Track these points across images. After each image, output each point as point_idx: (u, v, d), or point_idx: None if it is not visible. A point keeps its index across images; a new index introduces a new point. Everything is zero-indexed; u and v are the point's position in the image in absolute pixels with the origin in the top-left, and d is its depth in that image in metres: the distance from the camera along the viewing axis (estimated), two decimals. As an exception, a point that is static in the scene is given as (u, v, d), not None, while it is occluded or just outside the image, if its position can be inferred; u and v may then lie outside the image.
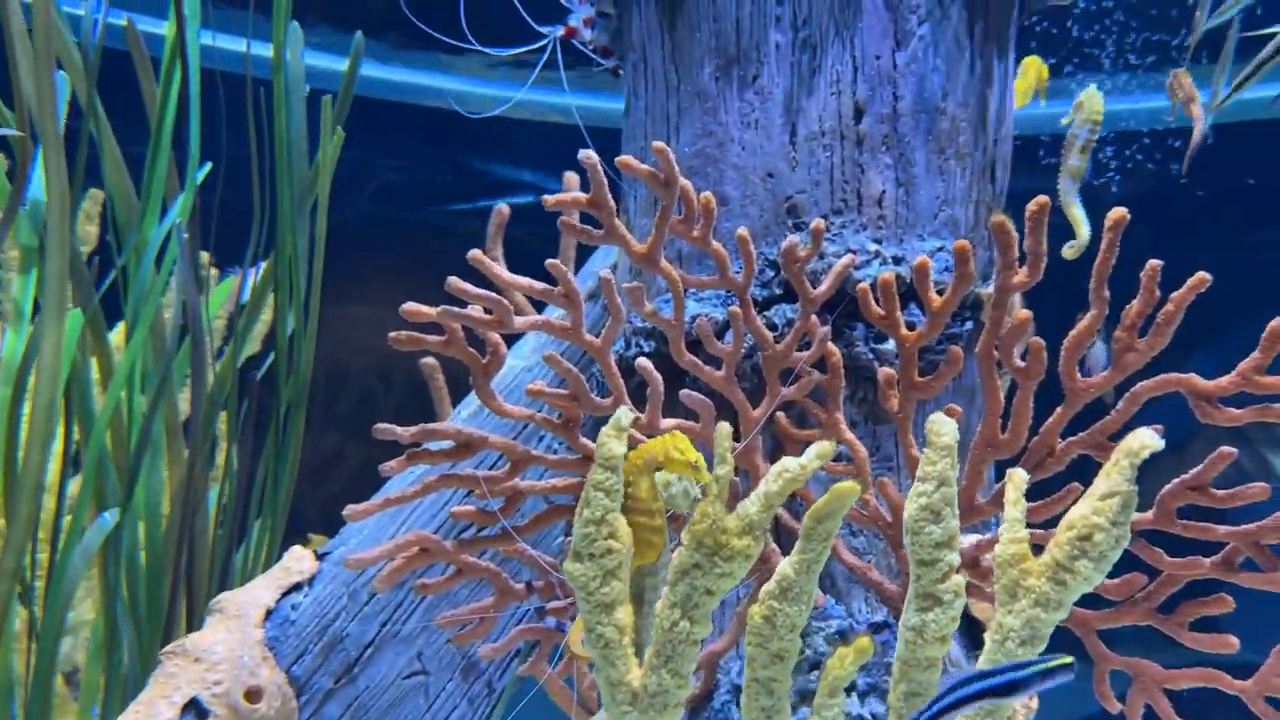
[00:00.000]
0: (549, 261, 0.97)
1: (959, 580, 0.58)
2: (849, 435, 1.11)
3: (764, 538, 0.59)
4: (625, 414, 0.61)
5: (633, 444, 0.63)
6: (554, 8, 1.56)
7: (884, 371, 1.07)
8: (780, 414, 1.14)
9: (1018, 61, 1.41)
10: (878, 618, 1.15)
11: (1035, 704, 1.23)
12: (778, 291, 1.20)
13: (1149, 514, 0.93)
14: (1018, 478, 0.62)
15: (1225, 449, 0.88)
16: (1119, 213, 0.89)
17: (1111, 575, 0.98)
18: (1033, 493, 0.88)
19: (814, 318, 1.10)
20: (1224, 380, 0.86)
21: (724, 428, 0.60)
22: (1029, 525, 0.76)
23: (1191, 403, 0.88)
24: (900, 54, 1.20)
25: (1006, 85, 1.32)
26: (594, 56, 1.56)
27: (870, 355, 1.20)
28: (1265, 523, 0.86)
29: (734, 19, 1.23)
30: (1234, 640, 0.89)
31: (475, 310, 0.97)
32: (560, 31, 1.55)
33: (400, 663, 1.19)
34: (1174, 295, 0.87)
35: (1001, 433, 1.00)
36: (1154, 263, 0.88)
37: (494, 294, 0.96)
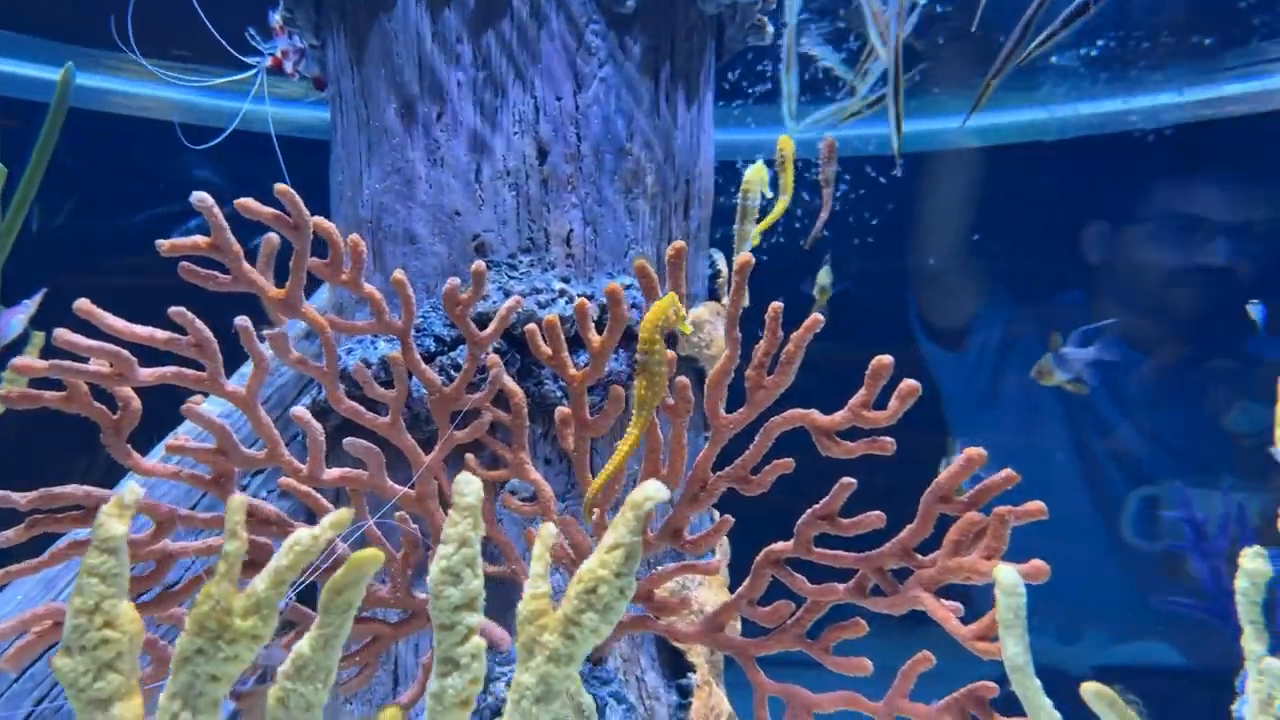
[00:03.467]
0: (172, 310, 0.91)
1: (478, 643, 0.56)
2: (534, 474, 1.10)
3: (274, 617, 0.56)
4: (130, 491, 0.57)
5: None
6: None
7: (559, 411, 1.07)
8: (470, 455, 1.12)
9: (725, 99, 1.46)
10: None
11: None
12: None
13: (789, 544, 0.96)
14: (545, 533, 0.62)
15: (846, 480, 0.91)
16: (745, 258, 0.92)
17: (763, 602, 1.01)
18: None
19: (496, 357, 1.08)
20: (838, 416, 0.90)
21: (235, 501, 0.57)
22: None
23: (814, 437, 0.92)
24: (582, 95, 1.21)
25: (700, 125, 1.35)
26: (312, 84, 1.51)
27: (559, 394, 1.20)
28: (884, 549, 0.91)
29: (416, 56, 1.21)
30: (867, 663, 0.93)
31: (98, 364, 0.91)
32: (268, 62, 1.50)
33: (58, 744, 1.09)
34: (793, 335, 0.90)
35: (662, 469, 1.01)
36: (775, 305, 0.91)
37: (110, 346, 0.90)
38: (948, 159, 3.11)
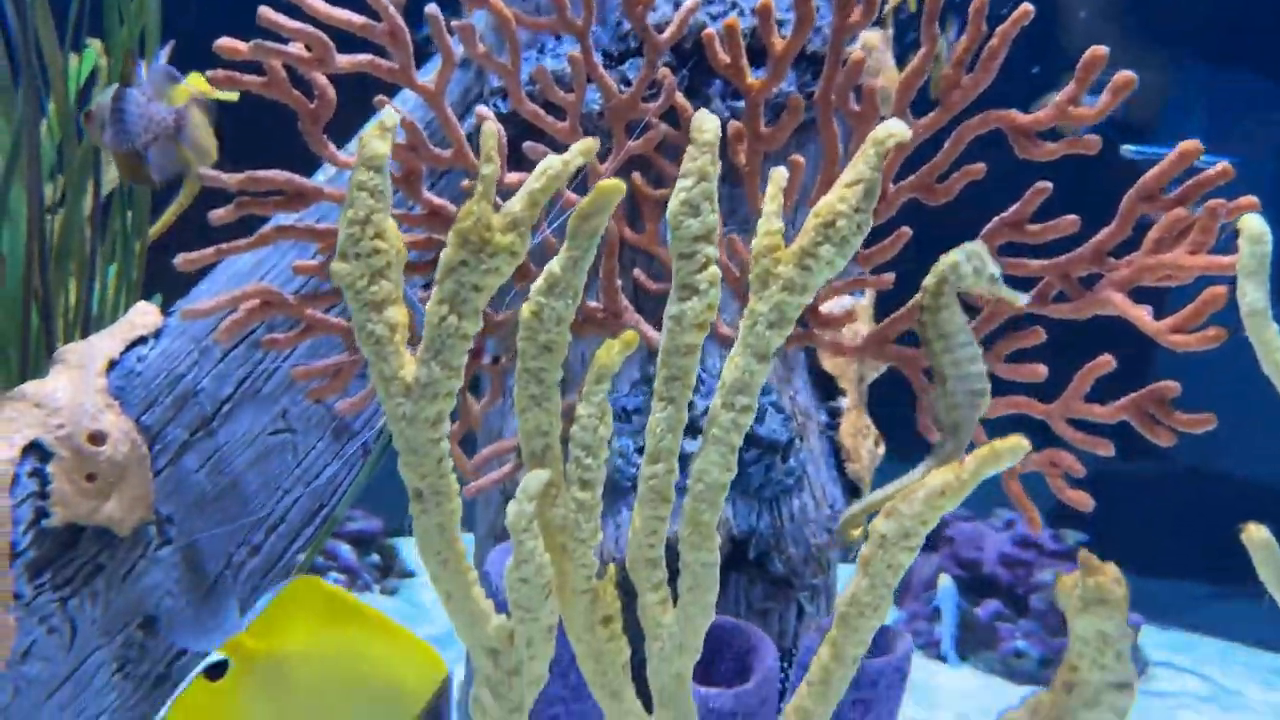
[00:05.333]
0: (371, -7, 0.91)
1: (714, 272, 0.59)
2: (700, 191, 1.11)
3: (528, 235, 0.59)
4: (390, 113, 0.59)
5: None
6: None
7: (732, 125, 1.06)
8: (636, 174, 1.13)
9: None
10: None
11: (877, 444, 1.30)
12: (634, 45, 1.16)
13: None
14: (778, 175, 0.63)
15: (1041, 184, 0.89)
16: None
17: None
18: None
19: (667, 71, 1.07)
20: (1041, 114, 0.87)
21: (488, 128, 0.60)
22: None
23: (1012, 138, 0.89)
24: None
25: None
26: None
27: (728, 113, 1.18)
28: (1077, 252, 0.89)
29: None
30: (1042, 369, 0.93)
31: (295, 47, 0.93)
32: None
33: (263, 420, 1.21)
34: (1000, 29, 0.86)
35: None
36: (982, -5, 0.86)
37: (312, 28, 0.92)
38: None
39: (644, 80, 1.04)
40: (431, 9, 0.94)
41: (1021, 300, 0.81)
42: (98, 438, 0.98)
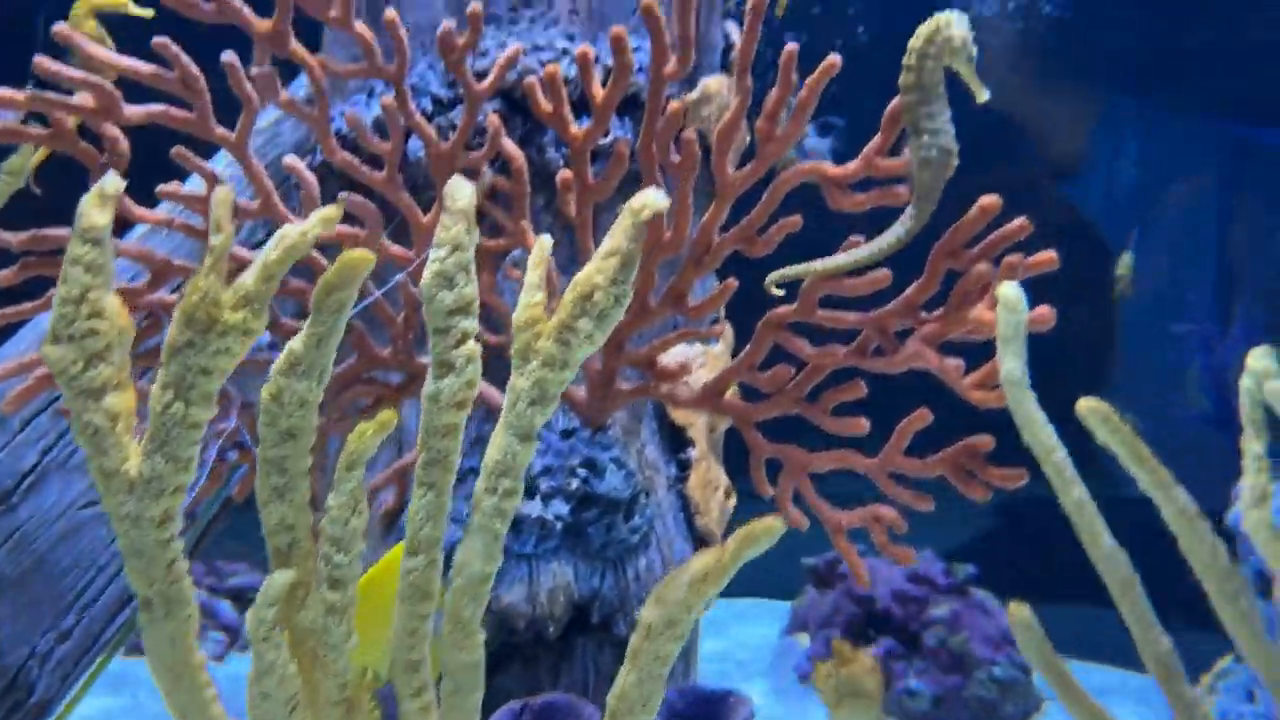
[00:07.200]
0: (155, 40, 0.86)
1: (472, 348, 0.56)
2: (533, 240, 1.07)
3: (264, 312, 0.54)
4: (110, 180, 0.54)
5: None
6: None
7: (561, 175, 1.03)
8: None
9: None
10: (572, 425, 1.15)
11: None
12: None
13: (792, 307, 0.95)
14: (542, 243, 0.60)
15: (854, 236, 0.89)
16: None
17: (762, 368, 1.01)
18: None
19: (495, 119, 1.04)
20: (850, 166, 0.86)
21: (221, 194, 0.55)
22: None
23: (824, 190, 0.88)
24: None
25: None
26: None
27: (562, 161, 1.15)
28: (889, 307, 0.89)
29: None
30: (864, 422, 0.93)
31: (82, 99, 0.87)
32: None
33: (72, 493, 1.13)
34: (808, 80, 0.85)
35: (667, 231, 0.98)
36: (790, 47, 0.85)
37: (94, 78, 0.86)
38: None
39: (465, 129, 1.01)
40: (227, 57, 0.89)
41: (983, 96, 0.81)
42: None
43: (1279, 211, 3.18)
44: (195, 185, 0.98)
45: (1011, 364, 0.54)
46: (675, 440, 1.26)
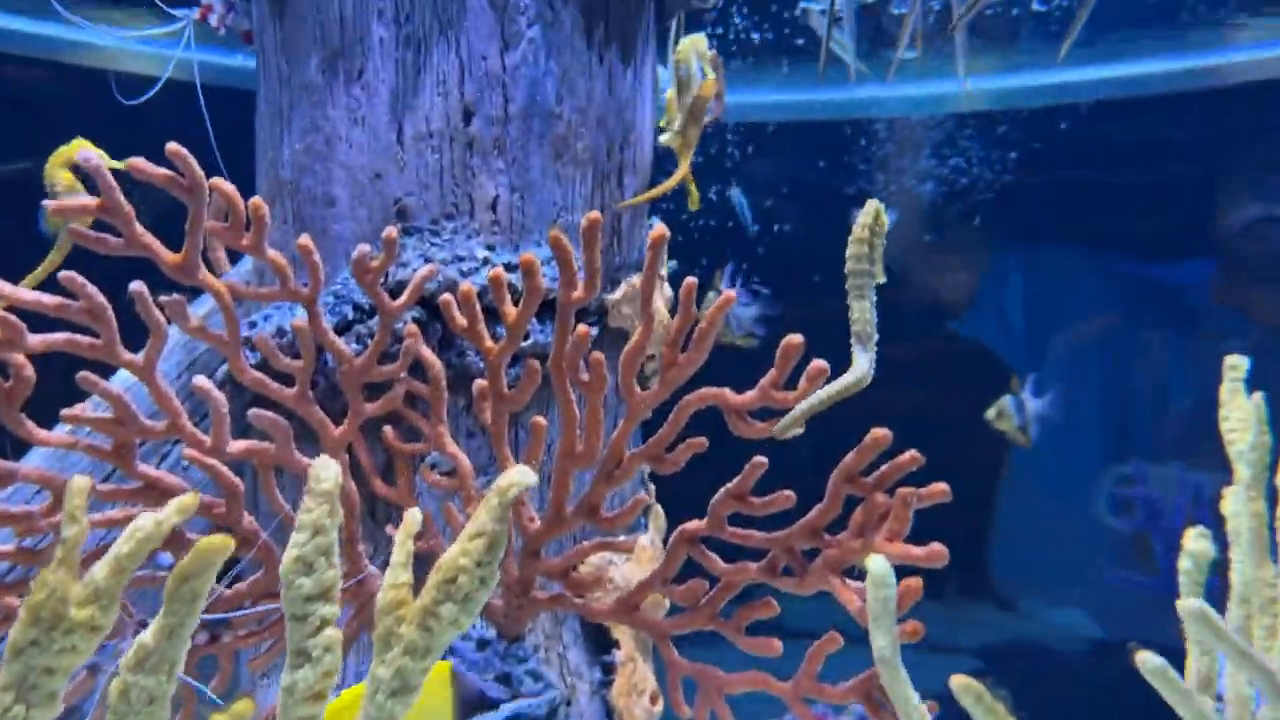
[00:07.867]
0: (62, 275, 0.87)
1: (331, 635, 0.54)
2: (453, 448, 1.07)
3: (114, 607, 0.53)
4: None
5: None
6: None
7: (477, 384, 1.04)
8: (389, 428, 1.09)
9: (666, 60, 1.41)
10: (489, 634, 1.12)
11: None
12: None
13: (703, 522, 0.95)
14: (409, 520, 0.60)
15: (758, 459, 0.90)
16: (658, 232, 0.89)
17: (678, 580, 1.00)
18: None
19: (414, 327, 1.05)
20: (749, 395, 0.88)
21: (76, 484, 0.54)
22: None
23: (726, 416, 0.90)
24: (509, 56, 1.17)
25: (638, 89, 1.31)
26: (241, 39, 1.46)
27: (482, 364, 1.17)
28: (793, 529, 0.89)
29: (338, 11, 1.16)
30: (777, 644, 0.91)
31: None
32: (196, 15, 1.44)
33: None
34: (707, 312, 0.88)
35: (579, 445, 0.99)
36: (689, 281, 0.88)
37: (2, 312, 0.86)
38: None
39: (379, 345, 1.02)
40: (135, 287, 0.90)
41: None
42: None
43: (1174, 346, 3.29)
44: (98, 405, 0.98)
45: (882, 642, 0.54)
46: (600, 641, 1.23)
